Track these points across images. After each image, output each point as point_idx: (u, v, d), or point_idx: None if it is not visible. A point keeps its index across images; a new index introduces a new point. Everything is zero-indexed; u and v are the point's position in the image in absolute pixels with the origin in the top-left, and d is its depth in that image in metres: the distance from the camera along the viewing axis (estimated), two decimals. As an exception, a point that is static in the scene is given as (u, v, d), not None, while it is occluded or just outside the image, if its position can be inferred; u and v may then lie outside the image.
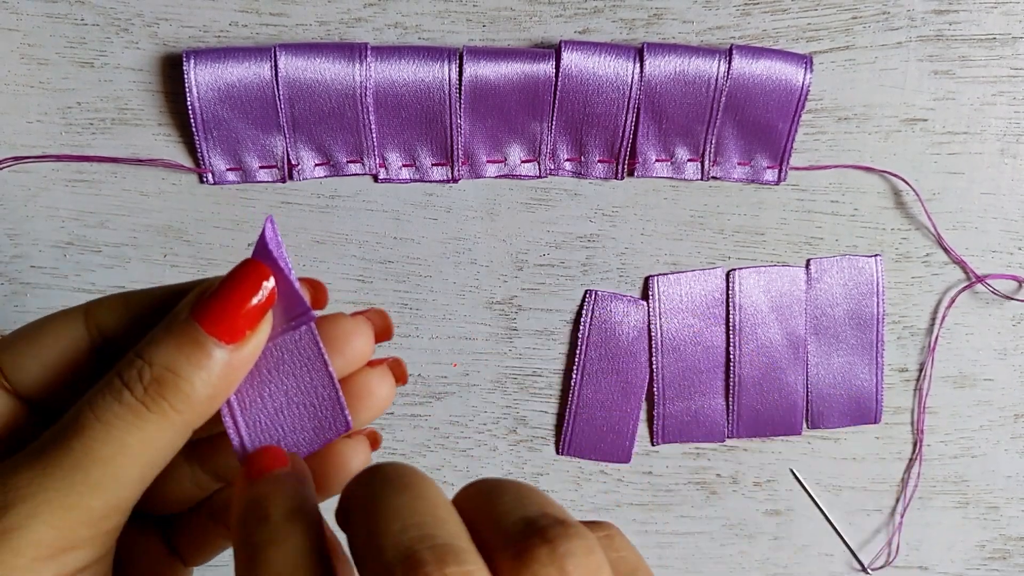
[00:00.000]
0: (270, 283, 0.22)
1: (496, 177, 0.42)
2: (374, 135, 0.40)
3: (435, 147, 0.41)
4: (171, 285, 0.23)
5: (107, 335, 0.23)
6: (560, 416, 0.44)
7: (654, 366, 0.43)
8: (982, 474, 0.46)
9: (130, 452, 0.20)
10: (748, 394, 0.44)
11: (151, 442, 0.21)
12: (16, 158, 0.39)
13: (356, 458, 0.25)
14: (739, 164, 0.43)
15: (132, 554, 0.25)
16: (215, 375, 0.21)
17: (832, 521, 0.46)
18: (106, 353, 0.23)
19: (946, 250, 0.44)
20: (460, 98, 0.40)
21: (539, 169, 0.42)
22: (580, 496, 0.45)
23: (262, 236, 0.22)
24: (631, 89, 0.40)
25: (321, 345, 0.23)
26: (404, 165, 0.41)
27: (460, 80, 0.39)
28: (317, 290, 0.24)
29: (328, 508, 0.21)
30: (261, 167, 0.40)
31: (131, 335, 0.23)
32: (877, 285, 0.44)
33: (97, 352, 0.23)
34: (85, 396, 0.21)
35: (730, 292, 0.43)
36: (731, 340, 0.44)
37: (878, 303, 0.44)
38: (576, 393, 0.43)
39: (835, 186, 0.43)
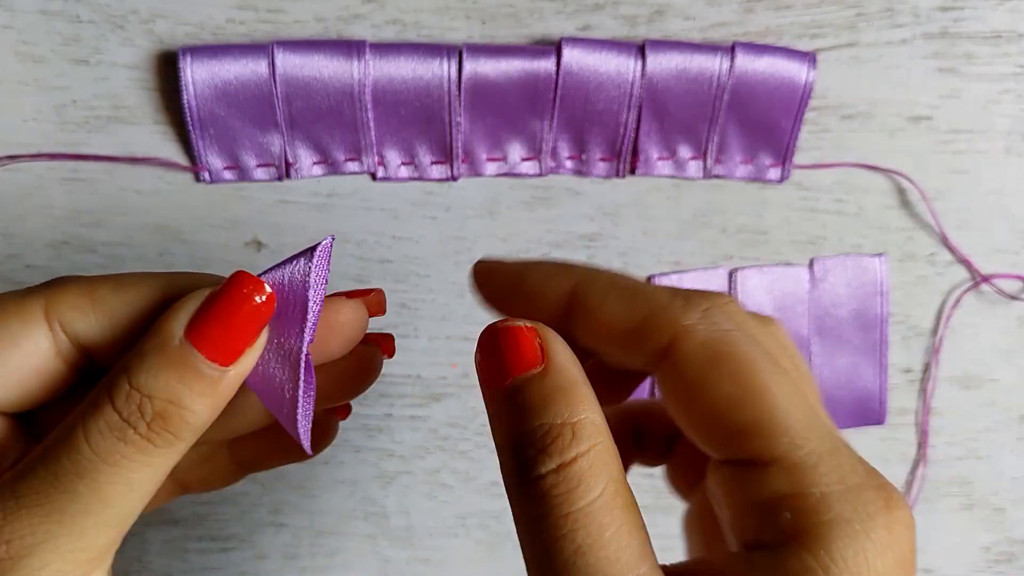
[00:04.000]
0: (264, 295, 0.21)
1: (496, 175, 0.41)
2: (372, 133, 0.40)
3: (434, 145, 0.40)
4: (136, 279, 0.22)
5: (75, 341, 0.22)
6: (561, 417, 0.44)
7: (656, 367, 0.43)
8: (988, 476, 0.46)
9: (138, 487, 0.20)
10: (751, 395, 0.44)
11: (156, 474, 0.20)
12: (10, 157, 0.39)
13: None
14: (742, 162, 0.42)
15: None
16: (217, 398, 0.20)
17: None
18: (73, 358, 0.22)
19: (951, 249, 0.44)
20: (459, 95, 0.39)
21: (539, 167, 0.41)
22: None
23: (311, 257, 0.21)
24: (632, 86, 0.40)
25: (302, 369, 0.21)
26: (403, 163, 0.41)
27: (459, 77, 0.39)
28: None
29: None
30: (258, 165, 0.40)
31: (103, 340, 0.22)
32: (881, 285, 0.44)
33: (63, 358, 0.22)
34: (75, 426, 0.20)
35: (733, 292, 0.43)
36: (734, 340, 0.43)
37: (882, 303, 0.44)
38: (577, 394, 0.43)
39: (839, 185, 0.43)
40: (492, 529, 0.44)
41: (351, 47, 0.38)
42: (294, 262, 0.21)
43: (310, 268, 0.21)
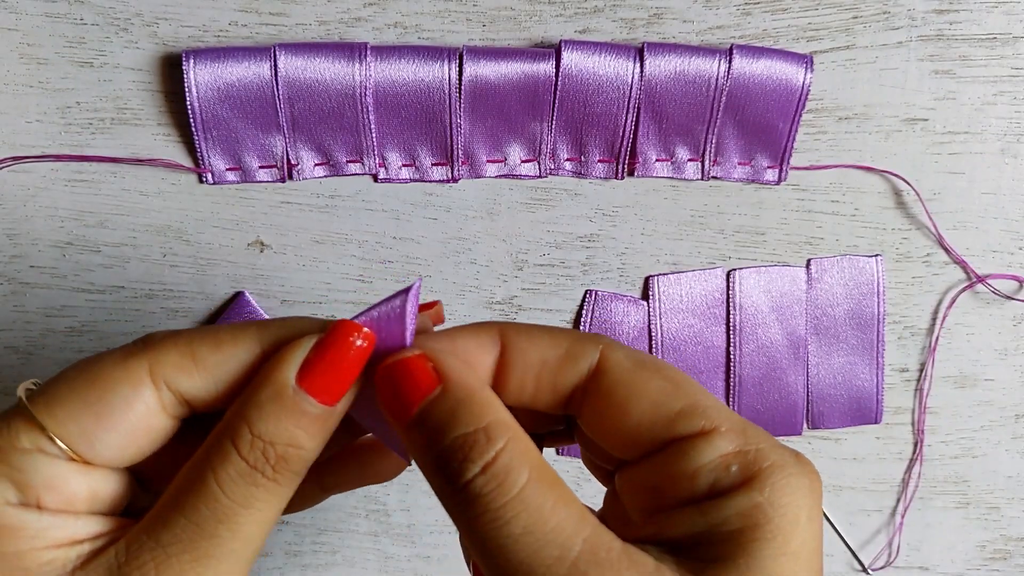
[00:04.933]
0: (365, 340, 0.23)
1: (496, 177, 0.42)
2: (374, 135, 0.40)
3: (435, 147, 0.41)
4: (232, 335, 0.23)
5: (181, 399, 0.23)
6: (560, 416, 0.44)
7: (654, 366, 0.43)
8: (983, 474, 0.46)
9: (268, 522, 0.22)
10: (748, 394, 0.44)
11: (282, 505, 0.23)
12: (15, 158, 0.39)
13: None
14: (739, 164, 0.43)
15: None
16: (326, 433, 0.23)
17: (832, 521, 0.46)
18: (180, 413, 0.23)
19: (947, 250, 0.44)
20: (460, 98, 0.39)
21: (539, 169, 0.42)
22: (580, 496, 0.45)
23: (404, 298, 0.23)
24: (631, 89, 0.40)
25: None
26: (404, 165, 0.41)
27: (460, 80, 0.39)
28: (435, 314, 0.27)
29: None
30: (261, 167, 0.40)
31: (209, 396, 0.23)
32: (878, 285, 0.44)
33: (170, 414, 0.23)
34: (204, 477, 0.21)
35: (730, 292, 0.43)
36: (731, 340, 0.44)
37: (879, 303, 0.44)
38: (576, 393, 0.43)
39: (836, 186, 0.43)
40: (492, 527, 0.45)
41: (353, 50, 0.38)
42: (389, 302, 0.23)
43: (406, 303, 0.23)
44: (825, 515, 0.46)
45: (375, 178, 0.41)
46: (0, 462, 0.22)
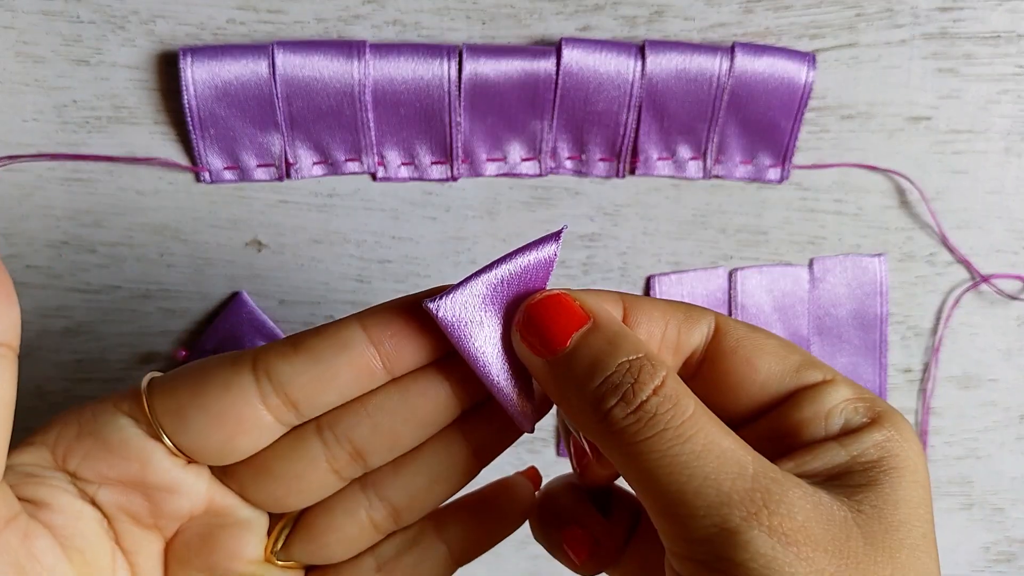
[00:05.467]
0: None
1: (496, 176, 0.41)
2: (372, 133, 0.40)
3: (434, 145, 0.40)
4: (331, 333, 0.24)
5: (280, 386, 0.23)
6: (560, 416, 0.44)
7: (656, 367, 0.43)
8: (987, 475, 0.46)
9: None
10: (751, 395, 0.44)
11: None
12: (11, 157, 0.39)
13: (525, 487, 0.28)
14: (742, 163, 0.42)
15: None
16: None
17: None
18: (279, 405, 0.24)
19: (950, 249, 0.44)
20: (459, 96, 0.39)
21: (539, 167, 0.41)
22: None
23: (557, 241, 0.24)
24: (632, 87, 0.40)
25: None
26: (403, 163, 0.41)
27: (459, 78, 0.39)
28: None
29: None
30: (258, 166, 0.40)
31: (310, 383, 0.23)
32: (881, 285, 0.44)
33: (271, 409, 0.24)
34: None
35: (733, 292, 0.43)
36: (733, 340, 0.43)
37: (882, 303, 0.44)
38: (577, 394, 0.43)
39: (838, 185, 0.43)
40: (492, 529, 0.44)
41: (351, 47, 0.38)
42: (538, 248, 0.24)
43: (556, 252, 0.24)
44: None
45: (374, 177, 0.41)
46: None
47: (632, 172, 0.42)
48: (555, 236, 0.24)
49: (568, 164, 0.42)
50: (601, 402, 0.22)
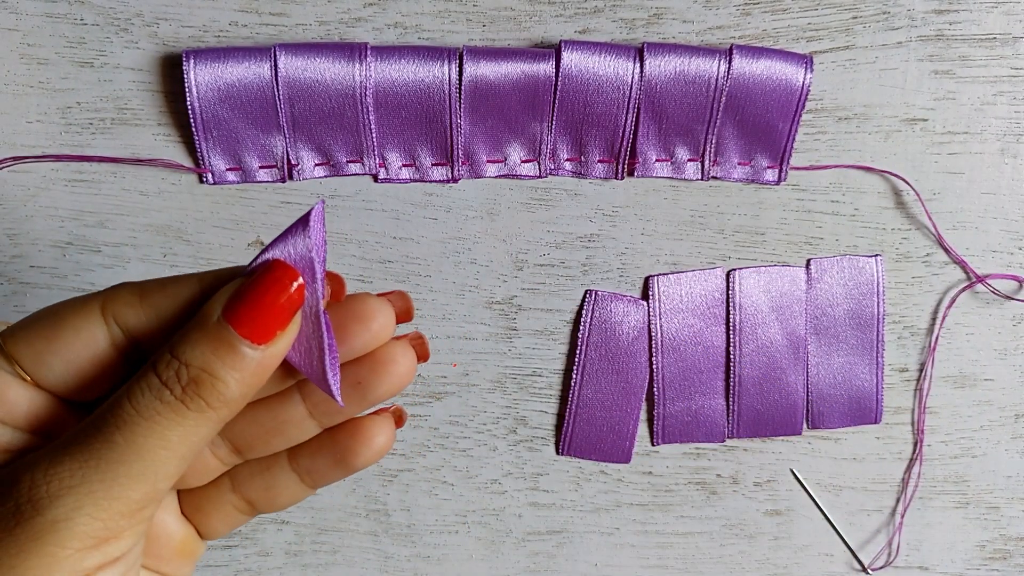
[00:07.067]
0: (298, 283, 0.22)
1: (496, 177, 0.42)
2: (374, 135, 0.40)
3: (435, 147, 0.41)
4: (182, 277, 0.24)
5: (126, 331, 0.24)
6: (560, 416, 0.44)
7: (654, 366, 0.43)
8: (982, 474, 0.46)
9: (170, 446, 0.22)
10: (748, 394, 0.44)
11: (189, 436, 0.22)
12: (16, 158, 0.39)
13: (380, 435, 0.26)
14: (739, 164, 0.43)
15: (152, 527, 0.26)
16: (248, 375, 0.22)
17: (832, 521, 0.46)
18: (125, 347, 0.24)
19: (946, 250, 0.44)
20: (460, 98, 0.40)
21: (539, 169, 0.42)
22: (580, 496, 0.45)
23: (307, 224, 0.22)
24: (631, 89, 0.40)
25: (323, 324, 0.23)
26: (404, 165, 0.41)
27: (460, 80, 0.39)
28: (336, 284, 0.25)
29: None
30: (261, 167, 0.40)
31: (151, 330, 0.24)
32: (877, 285, 0.44)
33: (116, 347, 0.24)
34: (121, 391, 0.22)
35: (730, 292, 0.43)
36: (731, 340, 0.44)
37: (878, 303, 0.44)
38: (576, 393, 0.43)
39: (835, 186, 0.43)
40: (492, 526, 0.45)
41: (353, 50, 0.38)
42: (294, 232, 0.23)
43: (309, 235, 0.23)
44: (824, 515, 0.46)
45: (375, 178, 0.41)
46: None
47: (631, 173, 0.42)
48: (306, 218, 0.23)
49: (567, 166, 0.42)
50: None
